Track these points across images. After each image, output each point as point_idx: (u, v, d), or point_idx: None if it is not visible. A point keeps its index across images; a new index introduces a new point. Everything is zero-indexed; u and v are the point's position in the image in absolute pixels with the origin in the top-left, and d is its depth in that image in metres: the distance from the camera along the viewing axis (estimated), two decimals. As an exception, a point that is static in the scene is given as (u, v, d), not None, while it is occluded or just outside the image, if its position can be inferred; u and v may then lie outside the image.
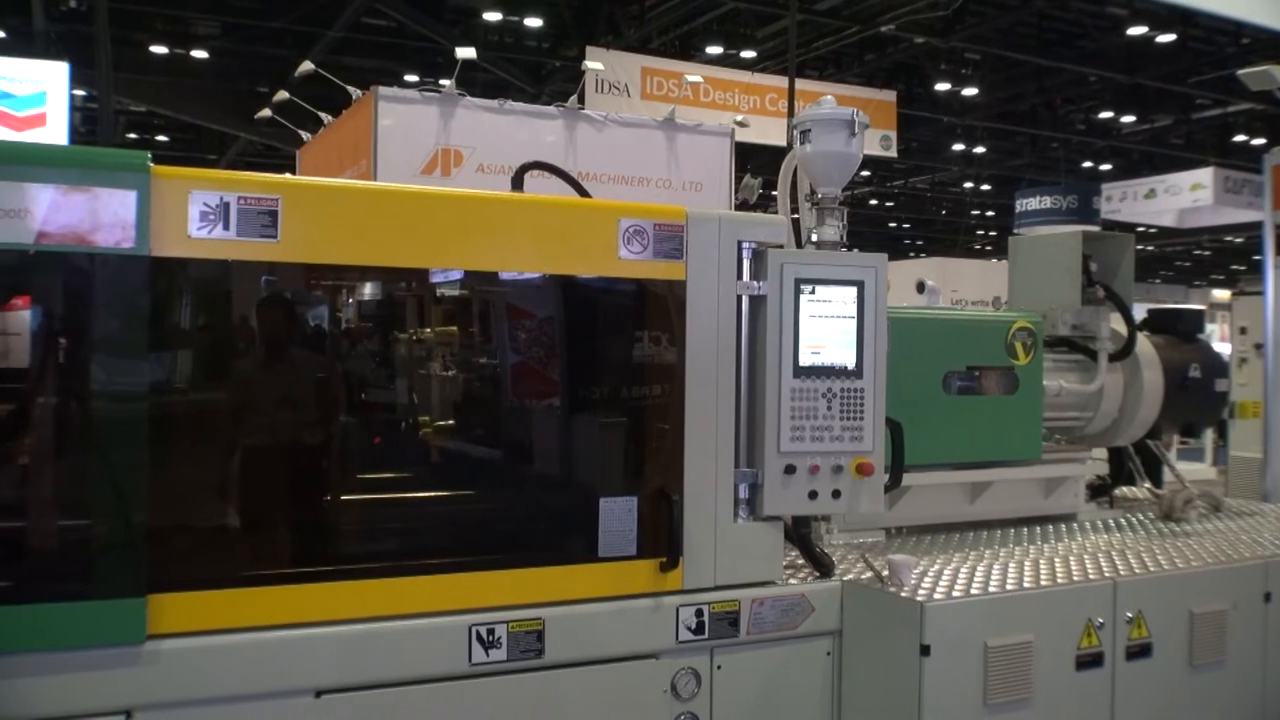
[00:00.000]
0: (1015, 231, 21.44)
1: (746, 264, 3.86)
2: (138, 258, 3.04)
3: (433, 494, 3.80)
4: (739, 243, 3.84)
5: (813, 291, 3.85)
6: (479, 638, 3.45)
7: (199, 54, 19.20)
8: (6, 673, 2.94)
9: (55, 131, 13.16)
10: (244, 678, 3.20)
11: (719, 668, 3.83)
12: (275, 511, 3.47)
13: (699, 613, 3.78)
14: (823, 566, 4.11)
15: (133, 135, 24.61)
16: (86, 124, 19.91)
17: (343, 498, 3.67)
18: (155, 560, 3.09)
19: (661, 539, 3.70)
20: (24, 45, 15.90)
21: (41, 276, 3.15)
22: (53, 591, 3.03)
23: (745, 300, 3.86)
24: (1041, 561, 4.48)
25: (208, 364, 3.46)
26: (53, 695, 2.99)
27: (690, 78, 15.32)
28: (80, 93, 17.33)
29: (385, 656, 3.35)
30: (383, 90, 7.53)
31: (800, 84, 13.83)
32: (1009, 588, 4.05)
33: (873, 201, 34.39)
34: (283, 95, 8.63)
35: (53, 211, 2.97)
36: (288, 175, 6.04)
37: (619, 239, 3.67)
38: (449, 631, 3.43)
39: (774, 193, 4.71)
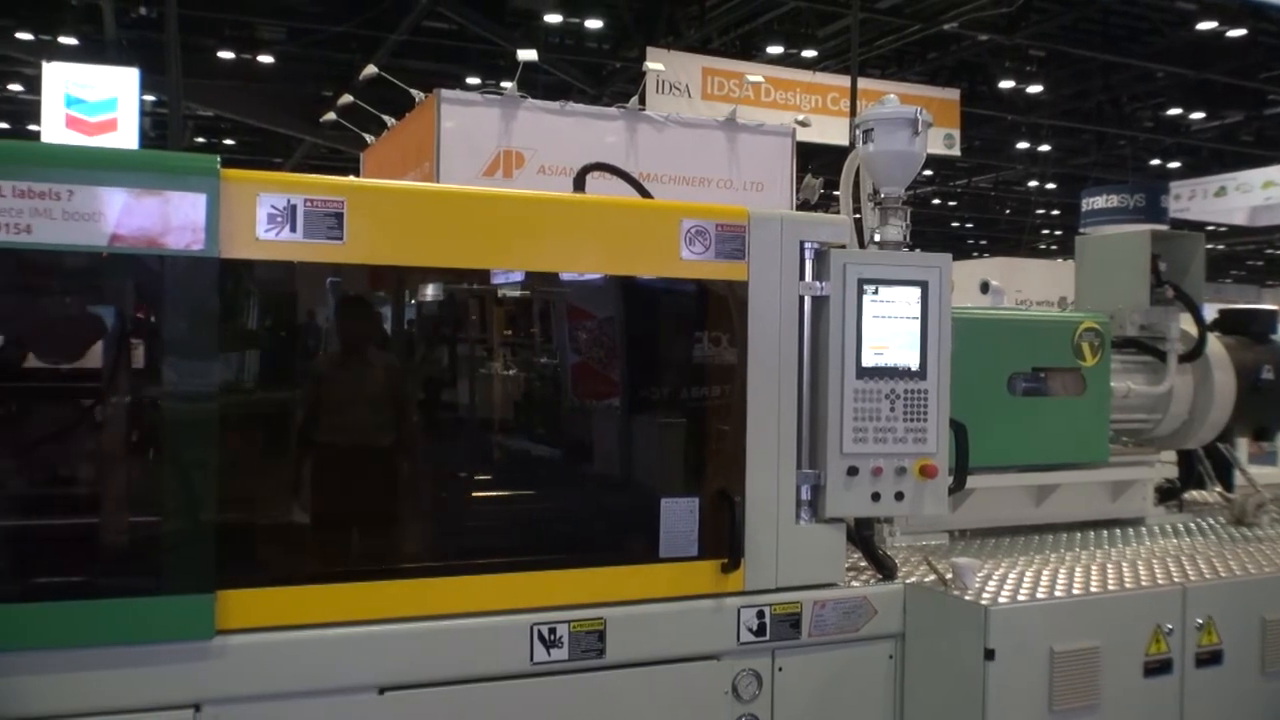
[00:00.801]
0: (1080, 231, 21.13)
1: (809, 264, 3.84)
2: (207, 259, 3.09)
3: (495, 493, 3.83)
4: (801, 243, 3.82)
5: (876, 292, 3.82)
6: (541, 637, 3.47)
7: (265, 59, 19.51)
8: (70, 666, 3.00)
9: (126, 136, 13.44)
10: (309, 673, 3.24)
11: (780, 669, 3.81)
12: (341, 510, 3.51)
13: (760, 614, 3.77)
14: (885, 569, 4.08)
15: (200, 139, 25.06)
16: (156, 128, 20.29)
17: (407, 497, 3.70)
18: (224, 557, 3.13)
19: (723, 540, 3.69)
20: (96, 52, 16.25)
21: (114, 278, 3.22)
22: (125, 587, 3.09)
23: (807, 301, 3.84)
24: (1109, 566, 4.41)
25: (275, 364, 3.51)
26: (124, 688, 3.05)
27: (751, 77, 15.31)
28: (149, 98, 17.66)
29: (448, 654, 3.38)
30: (445, 93, 7.60)
31: (862, 83, 13.74)
32: (1075, 592, 3.98)
33: (935, 201, 34.09)
34: (347, 99, 8.74)
35: (125, 214, 3.03)
36: (352, 178, 6.11)
37: (681, 240, 3.67)
38: (511, 630, 3.45)
39: (835, 193, 4.68)
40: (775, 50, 19.21)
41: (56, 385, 3.64)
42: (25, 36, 17.23)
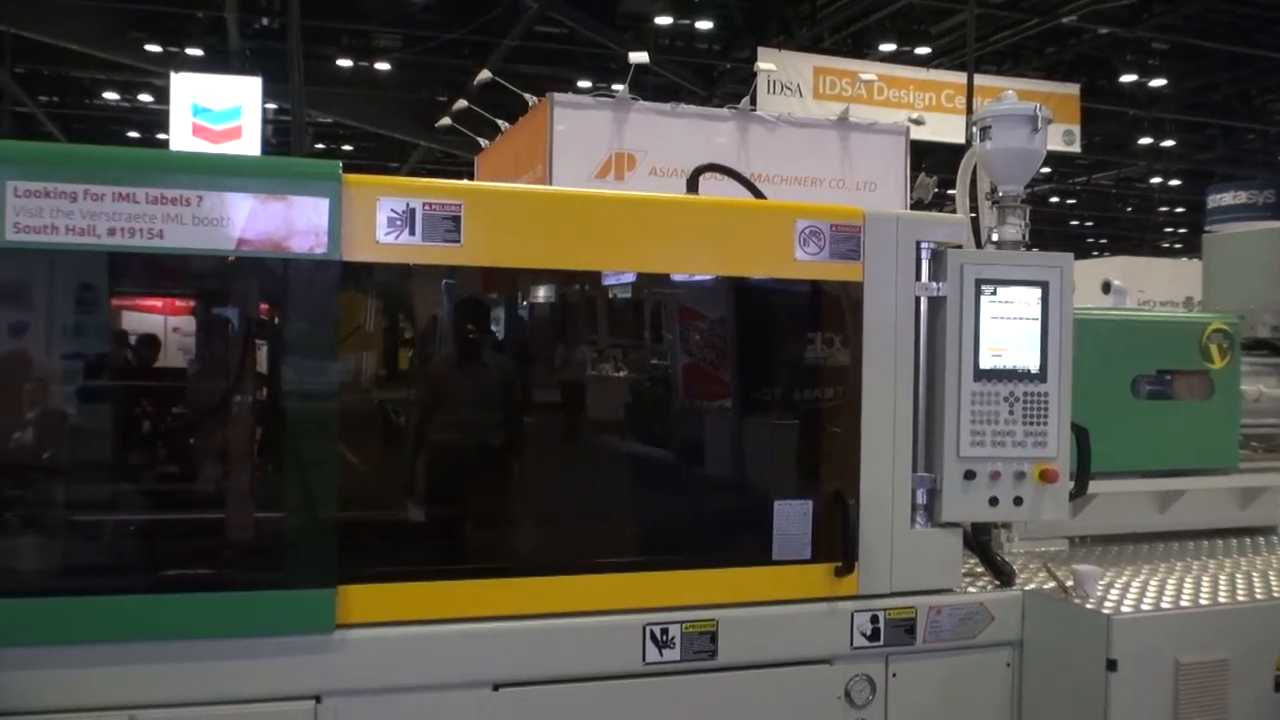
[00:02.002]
0: (1206, 229, 20.43)
1: (925, 265, 3.78)
2: (330, 262, 3.17)
3: (608, 494, 3.85)
4: (917, 243, 3.77)
5: (994, 292, 3.75)
6: (653, 637, 3.48)
7: (382, 66, 19.91)
8: (199, 656, 3.10)
9: (249, 143, 13.85)
10: (426, 668, 3.30)
11: (894, 675, 3.76)
12: (456, 509, 3.57)
13: (874, 619, 3.72)
14: (1003, 575, 4.00)
15: (320, 145, 25.70)
16: (277, 135, 20.87)
17: (521, 496, 3.74)
18: (345, 553, 3.21)
19: (837, 543, 3.66)
20: (220, 63, 16.78)
21: (240, 281, 3.33)
22: (250, 581, 3.19)
23: (923, 302, 3.79)
24: (1238, 576, 4.25)
25: (394, 365, 3.59)
26: (249, 679, 3.15)
27: (864, 76, 15.14)
28: (271, 106, 18.17)
29: (562, 652, 3.41)
30: (557, 96, 7.68)
31: (978, 79, 13.49)
32: (1203, 603, 3.85)
33: (1053, 199, 33.31)
34: (462, 104, 8.89)
35: (252, 219, 3.12)
36: (469, 181, 6.21)
37: (795, 240, 3.64)
38: (624, 630, 3.46)
39: (950, 191, 4.61)
40: (888, 48, 18.97)
41: (184, 385, 3.78)
42: (154, 48, 17.86)
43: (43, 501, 3.31)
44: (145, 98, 22.18)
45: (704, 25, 18.70)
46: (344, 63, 19.69)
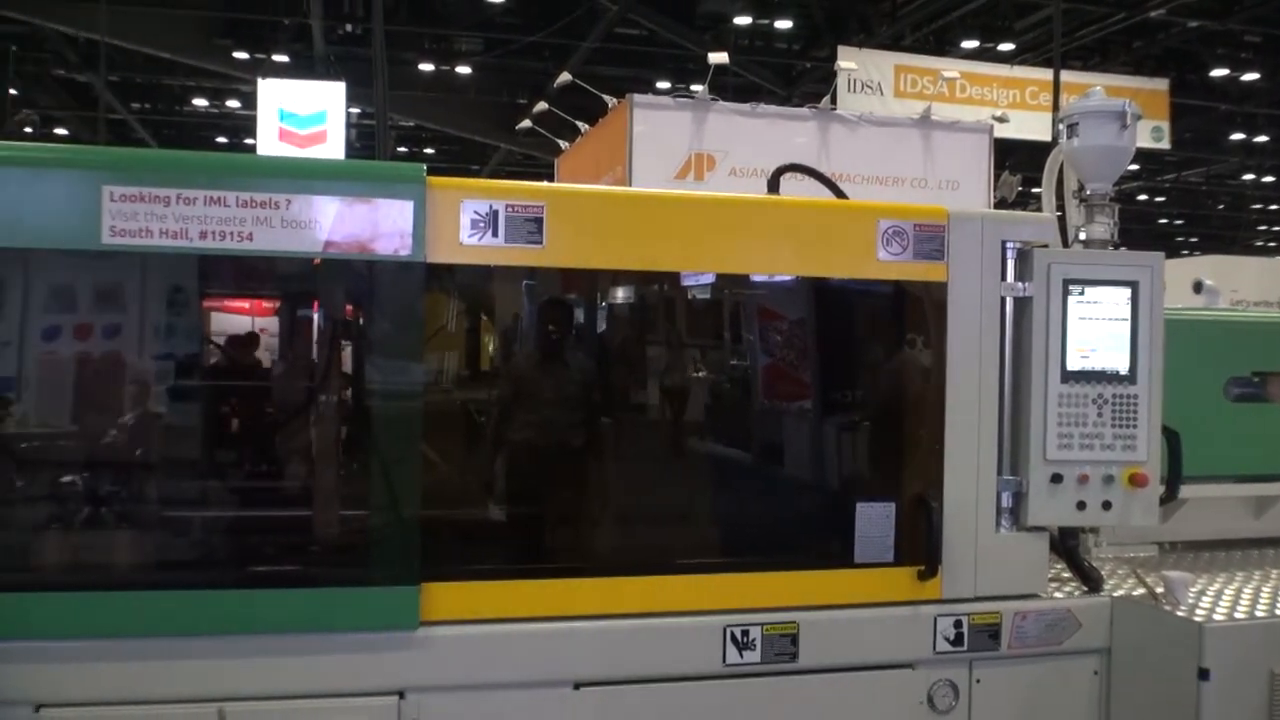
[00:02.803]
0: (1303, 226, 19.86)
1: (1010, 264, 3.73)
2: (414, 264, 3.21)
3: (690, 494, 3.85)
4: (1003, 243, 3.72)
5: (1082, 292, 3.68)
6: (733, 638, 3.47)
7: (463, 69, 20.11)
8: (286, 651, 3.17)
9: (334, 147, 14.09)
10: (507, 666, 3.33)
11: (978, 681, 3.71)
12: (540, 508, 3.60)
13: (958, 624, 3.68)
14: (1091, 581, 3.92)
15: (402, 149, 26.04)
16: (360, 139, 21.20)
17: (601, 496, 3.76)
18: (429, 551, 3.25)
19: (920, 546, 3.62)
20: (306, 69, 17.09)
21: (326, 282, 3.38)
22: (336, 578, 3.25)
23: (1009, 302, 3.73)
24: (1338, 584, 4.13)
25: (476, 365, 3.63)
26: (334, 673, 3.21)
27: (946, 73, 14.95)
28: (354, 110, 18.46)
29: (642, 652, 3.42)
30: (637, 98, 7.70)
31: (1064, 75, 13.26)
32: (1300, 611, 3.75)
33: (1141, 197, 32.59)
34: (542, 106, 8.95)
35: (338, 222, 3.17)
36: (551, 183, 6.25)
37: (878, 240, 3.61)
38: (704, 631, 3.46)
39: (1035, 190, 4.53)
40: (970, 44, 18.71)
41: (272, 385, 3.85)
42: (241, 55, 18.24)
43: (139, 498, 3.41)
44: (233, 103, 22.70)
45: (783, 24, 18.61)
46: (425, 67, 19.94)
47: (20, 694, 3.04)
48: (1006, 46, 18.48)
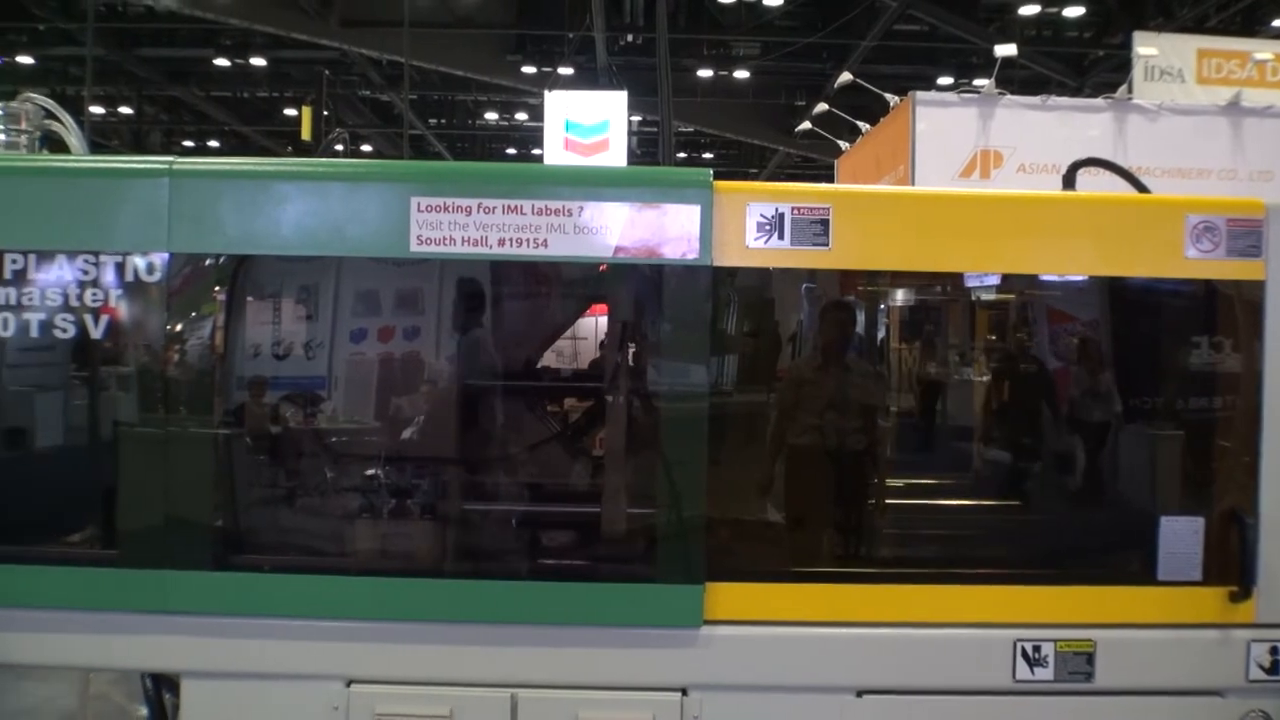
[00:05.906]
0: None
1: (1338, 261, 3.42)
2: (701, 268, 3.26)
3: (978, 503, 3.74)
4: (1330, 237, 3.42)
5: None
6: (1024, 654, 3.34)
7: (741, 74, 20.26)
8: (576, 643, 3.28)
9: (616, 155, 14.47)
10: (791, 669, 3.33)
11: (1298, 713, 3.43)
12: (823, 511, 3.58)
13: (1274, 650, 3.41)
14: None
15: (681, 154, 26.48)
16: (640, 146, 21.71)
17: (888, 502, 3.70)
18: (713, 551, 3.29)
19: (1231, 565, 3.38)
20: (589, 80, 17.68)
21: (615, 286, 3.49)
22: (624, 574, 3.35)
23: (1342, 302, 3.42)
24: None
25: (762, 367, 3.64)
26: (620, 667, 3.31)
27: (1258, 55, 13.87)
28: (635, 118, 18.92)
29: (929, 663, 3.34)
30: (920, 95, 7.57)
31: (1398, 53, 12.04)
32: None
33: None
34: (822, 107, 8.92)
35: (628, 227, 3.27)
36: (836, 185, 6.22)
37: (1185, 236, 3.39)
38: (993, 644, 3.35)
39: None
40: (1284, 24, 17.30)
41: (562, 385, 4.01)
42: (529, 69, 19.04)
43: (439, 492, 3.62)
44: (521, 116, 23.73)
45: (1073, 12, 17.74)
46: (704, 72, 20.20)
47: (334, 669, 3.28)
48: (1328, 24, 16.97)
